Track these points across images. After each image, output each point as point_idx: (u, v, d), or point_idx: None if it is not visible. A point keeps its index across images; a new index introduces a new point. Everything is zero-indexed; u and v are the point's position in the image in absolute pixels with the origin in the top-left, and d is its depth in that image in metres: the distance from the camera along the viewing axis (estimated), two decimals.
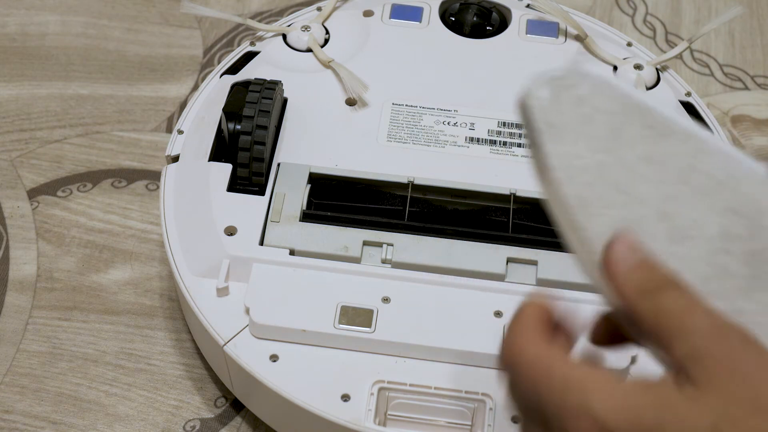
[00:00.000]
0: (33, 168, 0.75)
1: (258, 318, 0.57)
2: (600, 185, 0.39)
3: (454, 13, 0.72)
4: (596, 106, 0.40)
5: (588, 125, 0.40)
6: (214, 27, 0.84)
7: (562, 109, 0.40)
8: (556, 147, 0.40)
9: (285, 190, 0.62)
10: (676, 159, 0.40)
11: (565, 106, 0.40)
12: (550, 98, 0.40)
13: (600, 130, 0.40)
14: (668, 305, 0.34)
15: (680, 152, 0.40)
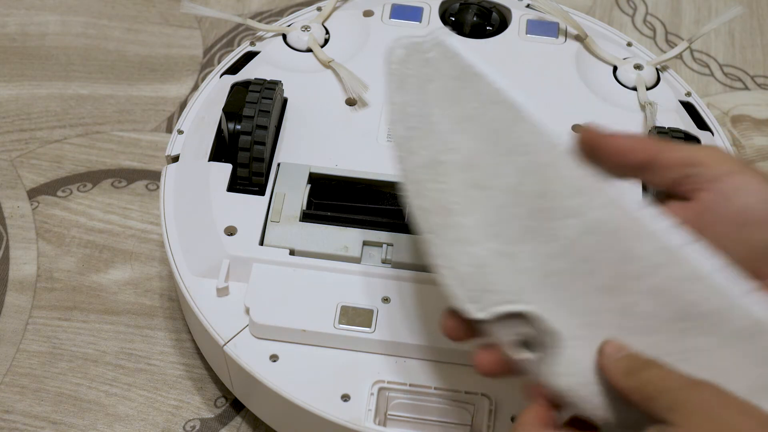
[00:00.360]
0: (33, 168, 0.75)
1: (258, 318, 0.57)
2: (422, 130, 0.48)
3: (454, 13, 0.72)
4: (439, 68, 0.48)
5: (427, 83, 0.48)
6: (214, 27, 0.84)
7: (409, 66, 0.49)
8: (396, 95, 0.49)
9: (285, 190, 0.62)
10: (493, 123, 0.47)
11: (413, 64, 0.49)
12: (403, 57, 0.49)
13: (435, 88, 0.48)
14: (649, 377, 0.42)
15: (499, 118, 0.47)
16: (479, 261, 0.46)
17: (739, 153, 0.77)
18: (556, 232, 0.46)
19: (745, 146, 0.78)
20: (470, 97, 0.48)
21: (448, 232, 0.47)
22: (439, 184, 0.47)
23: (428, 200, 0.47)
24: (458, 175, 0.47)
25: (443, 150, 0.47)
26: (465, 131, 0.47)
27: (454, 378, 0.56)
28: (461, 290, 0.46)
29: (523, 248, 0.46)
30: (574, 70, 0.69)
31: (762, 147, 0.78)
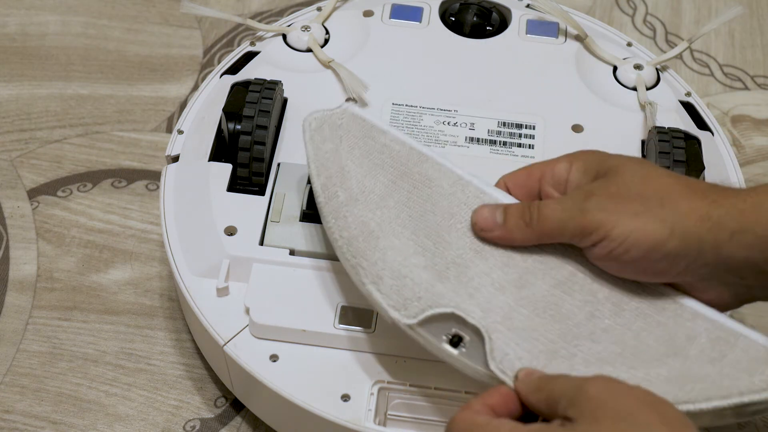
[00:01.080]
0: (33, 168, 0.75)
1: (258, 318, 0.57)
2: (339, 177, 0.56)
3: (454, 13, 0.72)
4: (349, 130, 0.58)
5: (339, 142, 0.57)
6: (214, 27, 0.84)
7: (324, 131, 0.58)
8: (314, 154, 0.57)
9: (285, 190, 0.62)
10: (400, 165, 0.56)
11: (327, 130, 0.58)
12: (318, 125, 0.58)
13: (347, 145, 0.57)
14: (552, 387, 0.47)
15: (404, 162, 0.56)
16: (402, 274, 0.52)
17: (739, 153, 0.77)
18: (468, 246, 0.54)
19: (745, 146, 0.78)
20: (378, 149, 0.57)
21: (372, 255, 0.53)
22: (358, 218, 0.54)
23: (352, 230, 0.54)
24: (376, 210, 0.55)
25: (360, 191, 0.55)
26: (376, 177, 0.56)
27: (454, 378, 0.56)
28: (389, 302, 0.52)
29: (439, 260, 0.53)
30: (574, 70, 0.69)
31: (762, 147, 0.78)
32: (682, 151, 0.61)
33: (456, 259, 0.53)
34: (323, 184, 0.56)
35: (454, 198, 0.55)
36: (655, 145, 0.62)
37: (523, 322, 0.51)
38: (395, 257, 0.53)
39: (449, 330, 0.51)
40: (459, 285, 0.52)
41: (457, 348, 0.51)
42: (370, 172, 0.56)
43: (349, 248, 0.54)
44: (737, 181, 0.66)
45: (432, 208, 0.55)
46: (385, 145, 0.57)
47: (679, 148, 0.61)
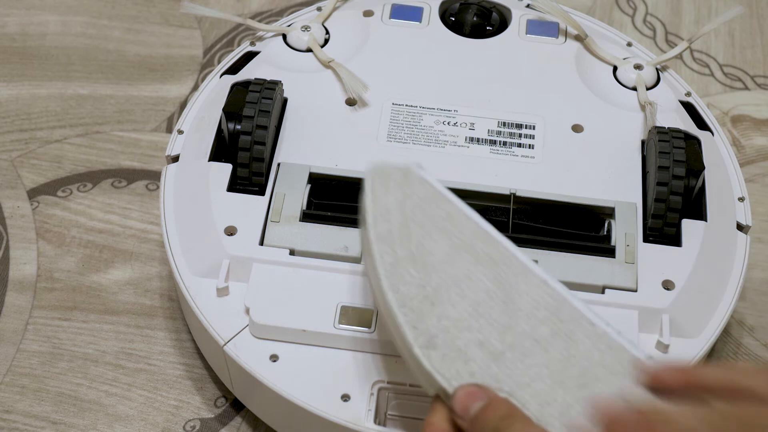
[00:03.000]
0: (33, 168, 0.75)
1: (258, 318, 0.57)
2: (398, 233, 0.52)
3: (454, 13, 0.72)
4: (413, 189, 0.54)
5: (402, 197, 0.54)
6: (214, 27, 0.84)
7: (388, 184, 0.54)
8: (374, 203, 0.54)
9: (285, 190, 0.62)
10: (465, 238, 0.53)
11: (391, 183, 0.54)
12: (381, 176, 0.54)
13: (411, 204, 0.54)
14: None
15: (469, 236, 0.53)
16: (457, 346, 0.49)
17: (739, 153, 0.77)
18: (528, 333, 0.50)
19: (745, 146, 0.78)
20: (443, 216, 0.54)
21: (427, 320, 0.50)
22: (415, 279, 0.51)
23: (406, 290, 0.51)
24: (434, 274, 0.52)
25: (418, 253, 0.52)
26: (438, 240, 0.53)
27: None
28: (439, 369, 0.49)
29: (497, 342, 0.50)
30: (574, 70, 0.69)
31: (762, 147, 0.78)
32: (682, 151, 0.61)
33: (514, 344, 0.50)
34: (380, 235, 0.52)
35: (516, 287, 0.52)
36: (655, 145, 0.62)
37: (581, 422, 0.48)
38: (450, 327, 0.50)
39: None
40: (516, 371, 0.49)
41: None
42: (432, 234, 0.53)
43: (401, 307, 0.50)
44: (737, 181, 0.66)
45: (492, 287, 0.51)
46: (450, 214, 0.54)
47: (679, 148, 0.61)
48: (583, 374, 0.49)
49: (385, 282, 0.51)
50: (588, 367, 0.49)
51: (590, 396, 0.48)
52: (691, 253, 0.60)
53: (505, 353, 0.49)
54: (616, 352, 0.50)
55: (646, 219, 0.61)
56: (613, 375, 0.49)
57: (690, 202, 0.62)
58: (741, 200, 0.65)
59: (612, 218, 0.62)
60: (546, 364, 0.49)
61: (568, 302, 0.51)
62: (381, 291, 0.51)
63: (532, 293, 0.51)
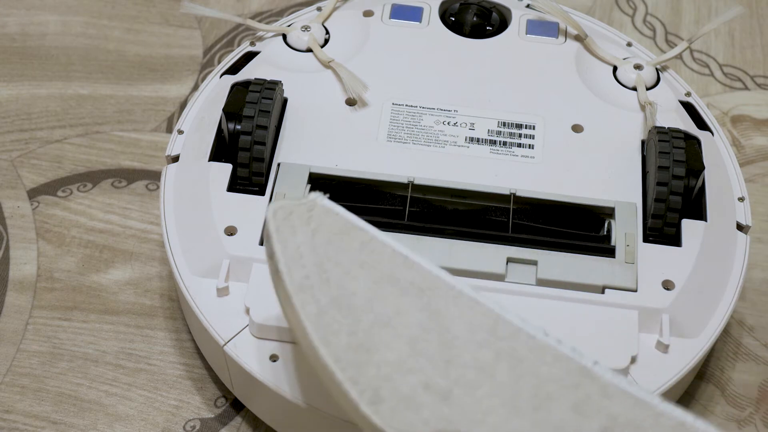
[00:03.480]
0: (33, 168, 0.75)
1: (258, 318, 0.57)
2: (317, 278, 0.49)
3: (454, 13, 0.72)
4: (322, 223, 0.51)
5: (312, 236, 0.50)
6: (214, 27, 0.84)
7: (294, 222, 0.51)
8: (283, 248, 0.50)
9: (285, 190, 0.62)
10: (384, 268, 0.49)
11: (297, 221, 0.51)
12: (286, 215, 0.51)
13: (321, 241, 0.50)
14: None
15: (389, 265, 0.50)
16: (403, 394, 0.46)
17: (739, 153, 0.77)
18: (470, 363, 0.47)
19: (745, 146, 0.78)
20: (357, 248, 0.50)
21: (367, 371, 0.46)
22: (344, 326, 0.47)
23: (338, 342, 0.47)
24: (362, 316, 0.48)
25: (341, 295, 0.48)
26: (357, 278, 0.49)
27: None
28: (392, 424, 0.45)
29: (441, 380, 0.46)
30: (574, 70, 0.69)
31: (762, 147, 0.78)
32: (682, 151, 0.61)
33: (459, 379, 0.47)
34: (299, 285, 0.49)
35: (447, 312, 0.48)
36: (655, 145, 0.62)
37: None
38: (392, 374, 0.46)
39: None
40: (467, 408, 0.46)
41: None
42: (350, 272, 0.49)
43: (336, 362, 0.47)
44: (737, 181, 0.66)
45: (424, 319, 0.48)
46: (364, 243, 0.50)
47: (679, 148, 0.61)
48: (535, 395, 0.47)
49: (314, 336, 0.47)
50: (538, 384, 0.47)
51: (547, 419, 0.46)
52: (691, 253, 0.60)
53: (452, 390, 0.46)
54: (563, 363, 0.47)
55: (646, 219, 0.61)
56: (565, 389, 0.47)
57: (690, 202, 0.62)
58: (741, 200, 0.65)
59: (612, 218, 0.62)
60: (496, 393, 0.46)
61: (501, 317, 0.48)
62: (311, 347, 0.48)
63: (465, 316, 0.48)
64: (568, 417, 0.46)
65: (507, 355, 0.47)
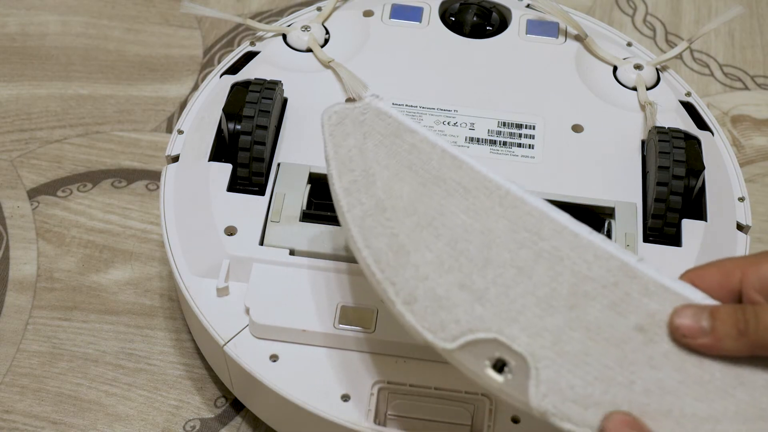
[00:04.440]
0: (33, 168, 0.75)
1: (258, 318, 0.57)
2: (363, 182, 0.51)
3: (454, 13, 0.72)
4: (374, 127, 0.52)
5: (364, 140, 0.52)
6: (214, 27, 0.84)
7: (346, 127, 0.52)
8: (335, 152, 0.52)
9: (285, 190, 0.62)
10: (432, 170, 0.51)
11: (349, 126, 0.52)
12: (339, 119, 0.53)
13: (372, 145, 0.52)
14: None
15: (437, 166, 0.51)
16: (438, 294, 0.47)
17: (739, 153, 0.77)
18: (509, 263, 0.48)
19: (745, 146, 0.78)
20: (407, 150, 0.51)
21: (404, 271, 0.48)
22: (387, 228, 0.49)
23: (379, 244, 0.49)
24: (405, 219, 0.49)
25: (386, 198, 0.50)
26: (404, 179, 0.50)
27: (454, 378, 0.56)
28: (423, 324, 0.47)
29: (478, 279, 0.48)
30: (574, 70, 0.69)
31: (762, 147, 0.78)
32: (682, 151, 0.61)
33: (497, 279, 0.47)
34: (345, 189, 0.51)
35: (492, 211, 0.49)
36: (655, 145, 0.62)
37: (575, 346, 0.46)
38: (429, 274, 0.48)
39: (492, 354, 0.46)
40: (501, 307, 0.47)
41: (502, 374, 0.46)
42: (398, 174, 0.50)
43: (377, 263, 0.49)
44: (737, 181, 0.66)
45: (467, 220, 0.49)
46: (414, 145, 0.51)
47: (679, 148, 0.61)
48: (572, 293, 0.47)
49: (358, 238, 0.49)
50: (576, 283, 0.47)
51: (582, 317, 0.46)
52: (691, 253, 0.60)
53: (488, 290, 0.47)
54: (604, 261, 0.47)
55: (646, 219, 0.61)
56: (603, 288, 0.47)
57: (690, 202, 0.62)
58: (741, 200, 0.65)
59: (612, 218, 0.62)
60: (532, 292, 0.47)
61: (547, 216, 0.49)
62: (356, 247, 0.50)
63: (509, 215, 0.49)
64: (604, 315, 0.46)
65: (547, 254, 0.48)
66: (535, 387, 0.45)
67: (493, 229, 0.49)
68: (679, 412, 0.44)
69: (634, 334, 0.46)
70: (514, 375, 0.46)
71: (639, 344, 0.46)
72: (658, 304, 0.46)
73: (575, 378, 0.45)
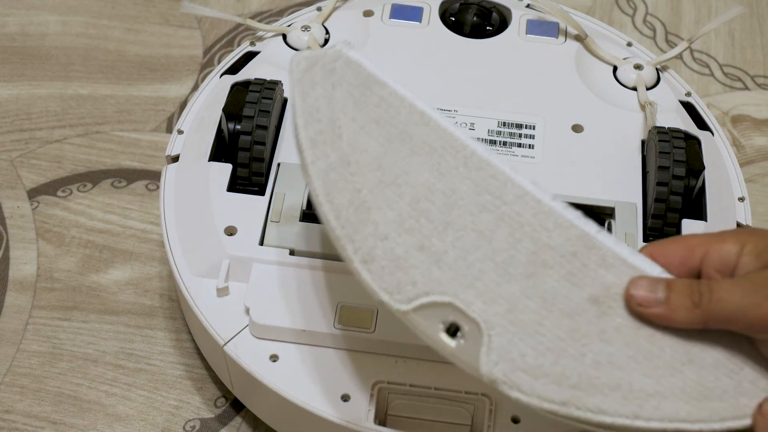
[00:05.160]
0: (33, 168, 0.75)
1: (258, 318, 0.57)
2: (329, 134, 0.49)
3: (454, 13, 0.72)
4: (343, 76, 0.50)
5: (332, 89, 0.50)
6: (214, 27, 0.84)
7: (315, 75, 0.50)
8: (302, 101, 0.50)
9: (285, 190, 0.62)
10: (398, 125, 0.50)
11: (317, 74, 0.50)
12: (307, 66, 0.51)
13: (340, 95, 0.50)
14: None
15: (404, 122, 0.50)
16: (396, 255, 0.47)
17: (739, 153, 0.77)
18: (470, 226, 0.47)
19: (745, 146, 0.78)
20: (375, 102, 0.50)
21: (363, 229, 0.47)
22: (350, 183, 0.48)
23: (341, 199, 0.48)
24: (368, 174, 0.48)
25: (351, 152, 0.49)
26: (371, 134, 0.49)
27: (454, 378, 0.56)
28: (380, 284, 0.47)
29: (438, 241, 0.47)
30: (574, 70, 0.69)
31: (762, 147, 0.78)
32: (682, 151, 0.61)
33: (456, 242, 0.47)
34: (311, 140, 0.49)
35: (456, 172, 0.48)
36: (655, 145, 0.62)
37: (529, 316, 0.46)
38: (389, 233, 0.47)
39: (446, 318, 0.46)
40: (458, 271, 0.47)
41: (455, 338, 0.46)
42: (364, 127, 0.49)
43: (337, 219, 0.48)
44: (737, 181, 0.66)
45: (430, 180, 0.48)
46: (383, 98, 0.50)
47: (679, 148, 0.61)
48: (530, 261, 0.47)
49: (320, 192, 0.48)
50: (535, 251, 0.47)
51: (538, 285, 0.46)
52: None
53: (447, 252, 0.47)
54: (564, 230, 0.47)
55: (646, 219, 0.61)
56: (561, 257, 0.47)
57: (690, 202, 0.62)
58: (741, 200, 0.65)
59: (612, 218, 0.62)
60: (491, 257, 0.47)
61: (511, 180, 0.48)
62: (317, 201, 0.49)
63: (474, 177, 0.48)
64: (559, 286, 0.46)
65: (509, 218, 0.47)
66: (486, 354, 0.45)
67: (456, 190, 0.48)
68: (628, 387, 0.45)
69: (588, 306, 0.46)
70: (467, 340, 0.45)
71: (592, 317, 0.46)
72: (614, 276, 0.47)
73: (527, 347, 0.45)
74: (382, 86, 0.51)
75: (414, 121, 0.50)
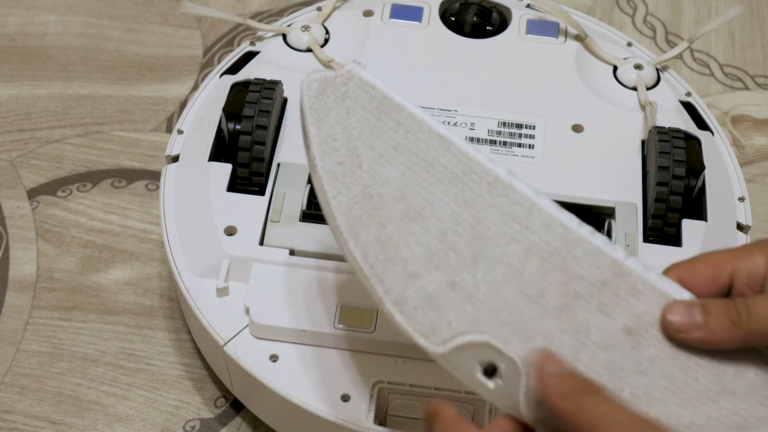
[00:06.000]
0: (33, 168, 0.75)
1: (258, 318, 0.57)
2: (349, 164, 0.47)
3: (454, 13, 0.72)
4: (357, 101, 0.48)
5: (347, 116, 0.48)
6: (214, 27, 0.84)
7: (328, 100, 0.48)
8: (317, 128, 0.48)
9: (285, 190, 0.62)
10: (418, 152, 0.48)
11: (330, 98, 0.48)
12: (320, 90, 0.49)
13: (356, 121, 0.48)
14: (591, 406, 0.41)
15: (424, 148, 0.48)
16: (428, 294, 0.45)
17: (739, 153, 0.77)
18: (499, 259, 0.46)
19: (745, 146, 0.78)
20: (392, 128, 0.48)
21: (393, 268, 0.46)
22: (374, 218, 0.46)
23: (367, 236, 0.46)
24: (392, 207, 0.47)
25: (372, 183, 0.47)
26: (391, 162, 0.47)
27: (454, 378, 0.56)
28: (414, 326, 0.45)
29: (468, 276, 0.45)
30: (574, 70, 0.69)
31: (762, 147, 0.78)
32: (682, 151, 0.61)
33: (487, 276, 0.45)
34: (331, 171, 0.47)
35: (481, 200, 0.47)
36: (655, 145, 0.62)
37: (565, 351, 0.44)
38: (418, 270, 0.45)
39: (483, 358, 0.45)
40: (491, 306, 0.45)
41: (492, 379, 0.45)
42: (384, 155, 0.47)
43: (364, 258, 0.46)
44: (737, 181, 0.66)
45: (457, 210, 0.47)
46: (400, 123, 0.48)
47: (679, 148, 0.61)
48: (563, 293, 0.45)
49: (344, 229, 0.46)
50: (566, 282, 0.45)
51: (572, 318, 0.45)
52: (691, 253, 0.60)
53: (478, 287, 0.45)
54: (593, 258, 0.46)
55: (647, 219, 0.61)
56: (592, 287, 0.46)
57: (690, 202, 0.62)
58: (741, 200, 0.65)
59: (612, 218, 0.62)
60: (522, 290, 0.45)
61: (537, 207, 0.47)
62: (342, 239, 0.46)
63: (499, 204, 0.47)
64: (593, 317, 0.45)
65: (537, 249, 0.46)
66: (526, 394, 0.43)
67: (483, 221, 0.47)
68: (666, 420, 0.44)
69: (622, 338, 0.45)
70: (504, 381, 0.44)
71: (627, 348, 0.45)
72: (645, 305, 0.46)
73: None
74: (398, 110, 0.49)
75: (434, 147, 0.48)
